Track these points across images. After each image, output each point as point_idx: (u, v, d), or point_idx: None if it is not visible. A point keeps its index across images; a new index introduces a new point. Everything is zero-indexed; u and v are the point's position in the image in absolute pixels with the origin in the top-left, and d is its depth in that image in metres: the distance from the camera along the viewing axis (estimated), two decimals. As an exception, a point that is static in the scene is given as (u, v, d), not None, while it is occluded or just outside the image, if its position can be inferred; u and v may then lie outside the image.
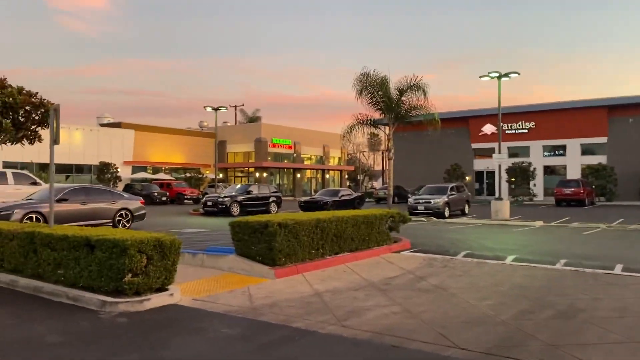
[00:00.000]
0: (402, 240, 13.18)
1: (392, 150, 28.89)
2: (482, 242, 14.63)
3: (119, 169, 44.71)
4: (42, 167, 41.40)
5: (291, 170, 59.22)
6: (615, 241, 15.05)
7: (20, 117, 11.44)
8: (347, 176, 70.13)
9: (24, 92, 11.71)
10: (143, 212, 18.22)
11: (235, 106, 73.51)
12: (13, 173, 19.91)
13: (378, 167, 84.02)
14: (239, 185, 31.61)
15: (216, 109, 34.91)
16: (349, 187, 75.94)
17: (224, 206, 27.46)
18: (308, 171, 62.38)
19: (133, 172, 48.37)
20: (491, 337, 5.65)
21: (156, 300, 6.88)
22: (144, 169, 49.71)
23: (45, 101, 12.20)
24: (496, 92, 25.63)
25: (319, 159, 63.82)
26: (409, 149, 52.37)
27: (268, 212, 28.61)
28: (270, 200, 30.05)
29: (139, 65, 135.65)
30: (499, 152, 25.12)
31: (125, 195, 18.47)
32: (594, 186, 38.15)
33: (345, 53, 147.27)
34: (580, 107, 42.58)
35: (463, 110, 49.45)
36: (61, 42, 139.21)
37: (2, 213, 14.66)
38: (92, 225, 15.90)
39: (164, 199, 40.86)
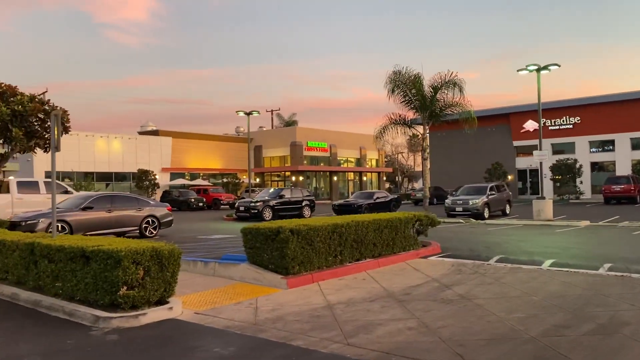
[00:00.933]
0: (432, 245, 12.42)
1: (427, 150, 27.98)
2: (519, 244, 13.68)
3: (157, 176, 45.29)
4: (84, 176, 42.37)
5: (327, 173, 58.69)
6: (668, 242, 13.81)
7: (32, 125, 11.32)
8: (385, 178, 69.10)
9: (36, 99, 11.61)
10: (170, 218, 18.04)
11: (272, 111, 73.65)
12: (45, 182, 20.16)
13: (418, 168, 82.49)
14: (272, 190, 31.30)
15: (248, 114, 34.78)
16: (388, 189, 74.94)
17: (256, 211, 27.17)
18: (348, 174, 61.72)
19: (171, 179, 48.93)
20: (516, 358, 4.92)
21: (153, 315, 6.44)
22: (182, 176, 50.21)
23: (57, 108, 12.06)
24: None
25: (356, 161, 63.08)
26: (447, 149, 51.04)
27: (301, 216, 28.18)
28: (303, 204, 29.59)
29: (182, 75, 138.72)
30: (540, 148, 23.81)
31: (152, 202, 18.35)
32: (645, 182, 35.97)
33: (383, 55, 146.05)
34: (628, 100, 40.33)
35: (503, 107, 47.79)
36: (107, 55, 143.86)
37: (28, 222, 14.71)
38: (117, 234, 15.86)
39: (200, 204, 41.06)
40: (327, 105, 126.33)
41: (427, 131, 27.16)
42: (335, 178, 59.06)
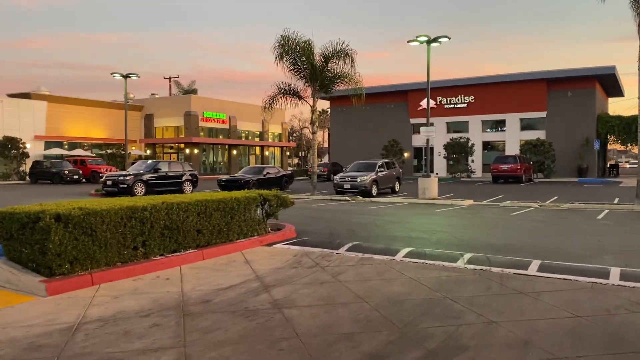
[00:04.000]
0: (286, 228, 10.65)
1: (317, 124, 26.34)
2: (388, 227, 12.28)
3: (26, 145, 40.30)
4: None
5: (226, 146, 55.82)
6: (542, 224, 13.02)
7: None
8: (288, 153, 67.30)
9: None
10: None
11: (170, 78, 69.10)
12: None
13: (326, 144, 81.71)
14: (149, 162, 28.32)
15: (126, 76, 31.21)
16: (297, 165, 73.27)
17: (125, 186, 24.21)
18: (249, 147, 59.12)
19: (46, 148, 43.93)
20: None
21: None
22: (60, 145, 45.27)
23: None
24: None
25: (258, 135, 60.64)
26: (347, 125, 50.02)
27: (181, 192, 25.70)
28: (183, 179, 26.99)
29: (82, 38, 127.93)
30: (428, 124, 22.86)
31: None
32: (532, 162, 36.90)
33: (301, 29, 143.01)
34: (520, 81, 41.09)
35: (402, 83, 47.28)
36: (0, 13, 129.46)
37: None
38: None
39: (76, 177, 37.04)
40: (237, 77, 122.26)
41: (317, 102, 25.45)
42: (234, 152, 56.35)
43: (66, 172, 36.90)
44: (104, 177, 26.05)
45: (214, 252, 8.33)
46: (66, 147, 45.80)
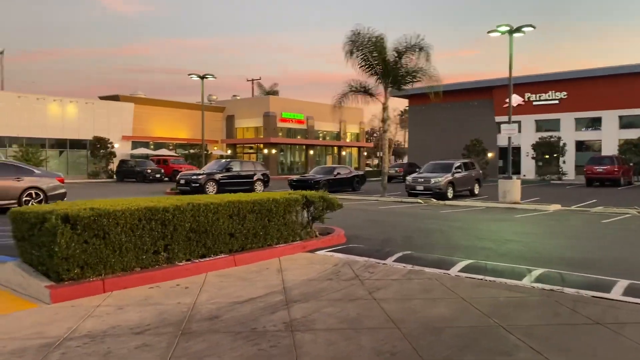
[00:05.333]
0: (334, 233, 9.79)
1: (388, 122, 25.17)
2: (455, 234, 11.07)
3: (114, 145, 42.36)
4: (30, 142, 39.26)
5: (303, 146, 55.80)
6: (638, 234, 11.22)
7: None
8: (366, 153, 66.16)
9: None
10: (61, 191, 15.30)
11: (252, 80, 70.47)
12: None
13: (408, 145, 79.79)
14: (221, 162, 28.53)
15: (202, 77, 31.74)
16: (373, 165, 72.11)
17: (197, 184, 24.50)
18: (326, 148, 58.75)
19: (133, 148, 45.99)
20: None
21: None
22: (146, 145, 47.24)
23: None
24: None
25: (335, 135, 60.12)
26: (427, 124, 48.19)
27: (252, 191, 25.55)
28: (254, 178, 26.88)
29: (178, 44, 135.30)
30: (510, 122, 21.01)
31: (37, 171, 15.57)
32: (631, 164, 33.37)
33: (388, 30, 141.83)
34: (619, 74, 37.40)
35: (486, 79, 44.75)
36: (104, 23, 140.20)
37: None
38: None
39: (158, 176, 38.39)
40: (322, 79, 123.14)
41: (388, 100, 24.33)
42: (311, 152, 56.22)
43: (149, 171, 38.33)
44: (178, 176, 26.55)
45: (247, 257, 7.65)
46: (152, 147, 47.68)
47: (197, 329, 4.81)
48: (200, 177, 24.91)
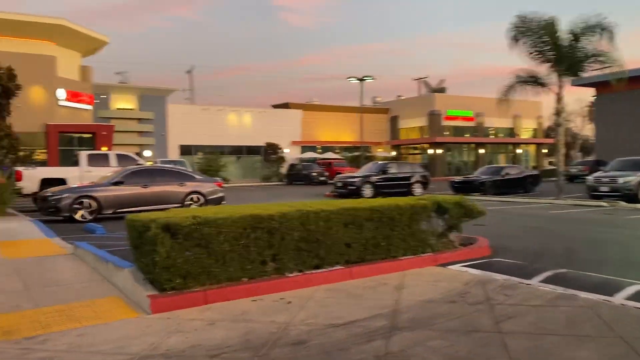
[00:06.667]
0: (475, 244, 8.57)
1: (563, 115, 22.31)
2: (637, 246, 9.01)
3: (283, 150, 44.65)
4: (210, 150, 43.08)
5: (472, 145, 52.88)
6: None
7: None
8: (545, 150, 60.34)
9: None
10: (220, 195, 16.18)
11: (419, 79, 69.10)
12: (116, 155, 19.76)
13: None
14: (378, 163, 28.10)
15: (361, 80, 31.71)
16: (551, 163, 65.57)
17: (353, 187, 24.43)
18: (498, 146, 55.00)
19: (302, 152, 48.05)
20: None
21: None
22: (313, 149, 49.02)
23: (4, 69, 10.60)
24: None
25: (508, 131, 55.93)
26: (617, 115, 42.05)
27: (410, 193, 24.70)
28: (412, 180, 25.94)
29: (351, 50, 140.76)
30: None
31: (198, 176, 16.64)
32: None
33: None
34: None
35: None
36: (284, 36, 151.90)
37: (53, 197, 13.91)
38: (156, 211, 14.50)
39: (322, 178, 39.47)
40: (497, 73, 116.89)
41: (563, 89, 21.57)
42: (481, 151, 53.01)
43: (314, 174, 39.62)
44: (335, 179, 26.79)
45: (366, 270, 6.93)
46: (319, 150, 49.33)
47: (276, 356, 4.26)
48: (356, 179, 24.79)
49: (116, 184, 14.51)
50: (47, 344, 4.65)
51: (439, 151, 49.93)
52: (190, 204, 15.45)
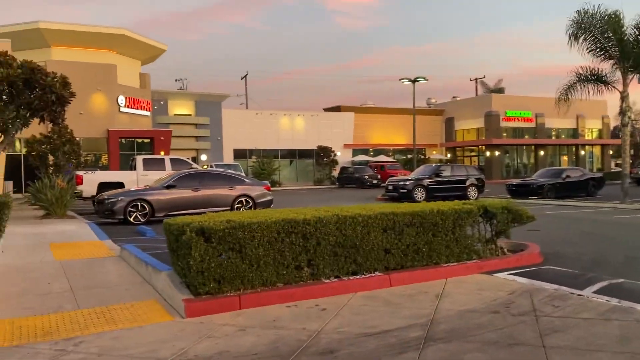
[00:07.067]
0: (525, 251, 8.14)
1: (628, 114, 21.06)
2: None
3: (335, 153, 44.59)
4: (264, 153, 43.55)
5: (532, 147, 50.97)
6: None
7: (34, 96, 10.36)
8: (611, 152, 57.35)
9: (41, 69, 10.61)
10: (268, 198, 16.30)
11: (476, 79, 67.31)
12: (171, 159, 20.28)
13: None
14: (431, 166, 27.51)
15: (413, 81, 31.18)
16: (617, 165, 62.20)
17: (405, 190, 24.00)
18: (560, 147, 52.75)
19: (354, 155, 47.84)
20: None
21: None
22: (365, 152, 48.71)
23: (58, 77, 10.98)
24: None
25: (571, 132, 53.53)
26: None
27: (465, 197, 24.04)
28: (467, 183, 25.22)
29: (406, 52, 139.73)
30: None
31: (247, 180, 16.80)
32: None
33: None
34: None
35: None
36: (339, 39, 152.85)
37: (109, 201, 14.40)
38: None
39: (374, 182, 39.09)
40: (559, 71, 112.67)
41: (628, 87, 20.37)
42: (542, 152, 51.02)
43: (366, 177, 39.32)
44: (386, 182, 26.43)
45: (406, 277, 6.70)
46: (371, 153, 48.97)
47: (304, 365, 4.14)
48: (407, 182, 24.35)
49: (168, 187, 14.87)
50: (81, 345, 4.73)
51: (497, 153, 48.43)
52: (240, 207, 15.64)
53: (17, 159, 28.33)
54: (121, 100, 33.52)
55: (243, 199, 15.78)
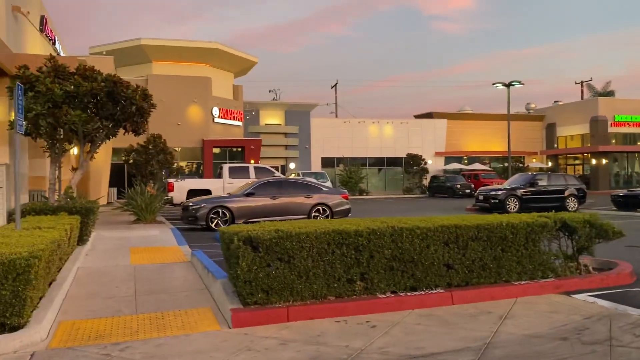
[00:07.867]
0: (614, 270, 7.27)
1: None
2: None
3: (426, 161, 43.49)
4: (352, 162, 43.44)
5: (645, 154, 46.55)
6: None
7: (117, 108, 10.88)
8: None
9: (123, 81, 11.11)
10: (345, 207, 16.11)
11: (582, 82, 62.87)
12: (255, 167, 20.76)
13: None
14: (527, 175, 25.89)
15: (508, 85, 29.63)
16: None
17: (496, 201, 22.76)
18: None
19: (446, 163, 46.40)
20: None
21: None
22: (458, 160, 47.05)
23: (140, 90, 11.40)
24: None
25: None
26: None
27: (563, 208, 22.42)
28: (565, 194, 23.47)
29: (506, 56, 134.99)
30: None
31: (325, 188, 16.69)
32: None
33: None
34: None
35: None
36: (437, 45, 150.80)
37: (193, 207, 14.94)
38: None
39: (467, 191, 37.60)
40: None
41: None
42: (657, 161, 46.45)
43: (458, 186, 37.93)
44: (477, 192, 25.25)
45: (470, 295, 6.20)
46: (465, 161, 47.19)
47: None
48: (499, 192, 23.06)
49: (247, 195, 15.18)
50: (126, 351, 4.81)
51: (604, 161, 44.76)
52: (317, 216, 15.61)
53: (121, 167, 30.46)
54: (215, 111, 35.04)
55: (320, 208, 15.73)
